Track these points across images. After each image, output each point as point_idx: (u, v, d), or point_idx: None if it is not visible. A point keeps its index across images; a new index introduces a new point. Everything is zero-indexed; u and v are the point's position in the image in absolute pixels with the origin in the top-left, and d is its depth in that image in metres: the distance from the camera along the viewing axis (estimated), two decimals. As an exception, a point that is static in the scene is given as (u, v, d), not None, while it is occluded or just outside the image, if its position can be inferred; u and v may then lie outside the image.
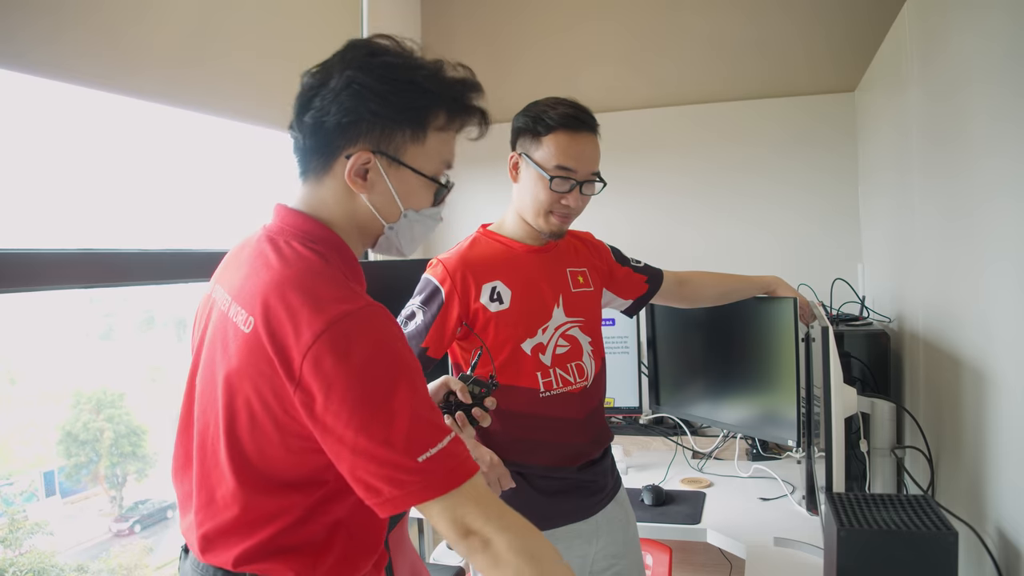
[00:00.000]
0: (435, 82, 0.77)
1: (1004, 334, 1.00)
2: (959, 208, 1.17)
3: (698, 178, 2.26)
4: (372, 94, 0.74)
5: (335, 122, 0.75)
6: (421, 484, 0.68)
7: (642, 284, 1.43)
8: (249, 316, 0.72)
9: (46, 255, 1.17)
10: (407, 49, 0.78)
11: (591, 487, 1.25)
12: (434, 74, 0.77)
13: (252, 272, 0.76)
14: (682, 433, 2.06)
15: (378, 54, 0.76)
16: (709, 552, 1.82)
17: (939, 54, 1.26)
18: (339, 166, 0.77)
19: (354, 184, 0.77)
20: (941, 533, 0.91)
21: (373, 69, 0.75)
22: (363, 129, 0.76)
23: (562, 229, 1.24)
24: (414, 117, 0.77)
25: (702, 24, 2.24)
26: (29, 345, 1.66)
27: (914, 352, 1.50)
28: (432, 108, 0.78)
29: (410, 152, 0.78)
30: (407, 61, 0.77)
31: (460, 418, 0.97)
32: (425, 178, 0.80)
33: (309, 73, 0.78)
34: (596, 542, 1.24)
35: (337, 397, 0.67)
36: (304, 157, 0.79)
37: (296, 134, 0.79)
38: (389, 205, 0.79)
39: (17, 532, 1.64)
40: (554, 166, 1.18)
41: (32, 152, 1.33)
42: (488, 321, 1.19)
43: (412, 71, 0.76)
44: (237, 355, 0.72)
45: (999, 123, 0.99)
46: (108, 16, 1.23)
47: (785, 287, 1.50)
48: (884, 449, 1.39)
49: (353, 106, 0.75)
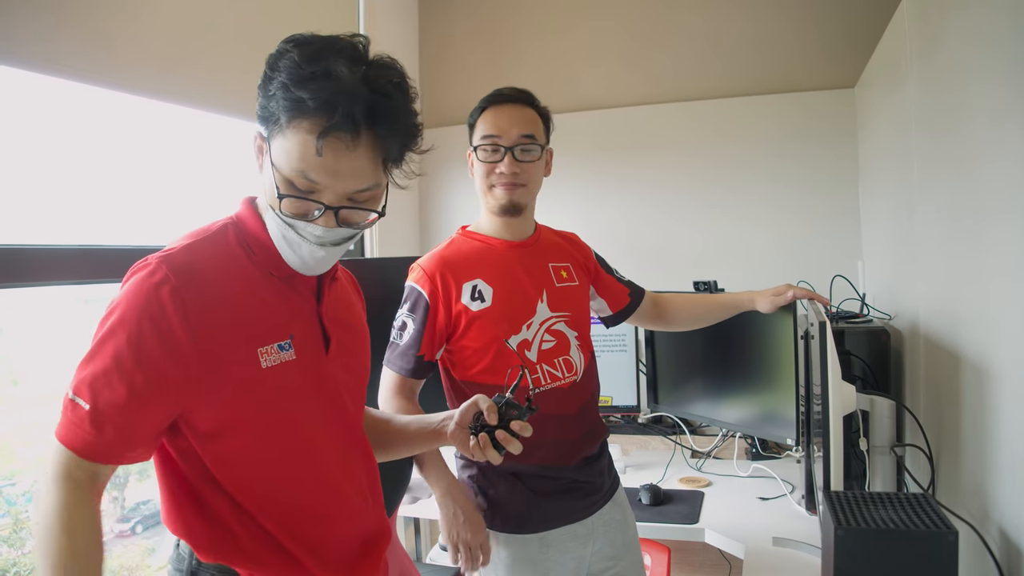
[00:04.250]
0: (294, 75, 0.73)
1: (1005, 331, 1.00)
2: (960, 205, 1.16)
3: (696, 175, 2.25)
4: (265, 79, 0.75)
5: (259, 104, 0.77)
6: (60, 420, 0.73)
7: (625, 296, 1.42)
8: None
9: (42, 251, 1.17)
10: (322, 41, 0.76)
11: (587, 488, 1.24)
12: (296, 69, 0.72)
13: None
14: (681, 432, 2.06)
15: (293, 40, 0.77)
16: (708, 552, 1.81)
17: (939, 49, 1.25)
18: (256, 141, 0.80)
19: (255, 156, 0.79)
20: (941, 532, 0.90)
21: (276, 56, 0.76)
22: (262, 111, 0.76)
23: (512, 200, 1.22)
24: (271, 108, 0.74)
25: (699, 21, 2.23)
26: (31, 346, 1.67)
27: (914, 349, 1.49)
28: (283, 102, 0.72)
29: (275, 142, 0.74)
30: (293, 54, 0.74)
31: (483, 440, 0.88)
32: (273, 170, 0.74)
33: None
34: (593, 544, 1.23)
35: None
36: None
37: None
38: (269, 186, 0.76)
39: (20, 532, 1.64)
40: (480, 138, 1.23)
41: (28, 148, 1.33)
42: (472, 321, 1.18)
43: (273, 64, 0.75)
44: None
45: (999, 119, 0.98)
46: (105, 13, 1.23)
47: (764, 301, 1.40)
48: (884, 447, 1.38)
49: (262, 90, 0.76)
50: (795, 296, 1.39)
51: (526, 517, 1.19)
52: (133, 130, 1.51)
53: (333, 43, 0.75)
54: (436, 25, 2.49)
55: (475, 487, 1.23)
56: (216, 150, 1.76)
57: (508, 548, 1.18)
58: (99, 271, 1.28)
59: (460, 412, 0.93)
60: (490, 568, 1.19)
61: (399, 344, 1.21)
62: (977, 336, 1.11)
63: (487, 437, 0.89)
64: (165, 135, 1.59)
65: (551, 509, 1.20)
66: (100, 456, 0.72)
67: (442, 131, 2.20)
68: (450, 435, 0.93)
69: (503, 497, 1.19)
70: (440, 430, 0.95)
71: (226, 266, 0.79)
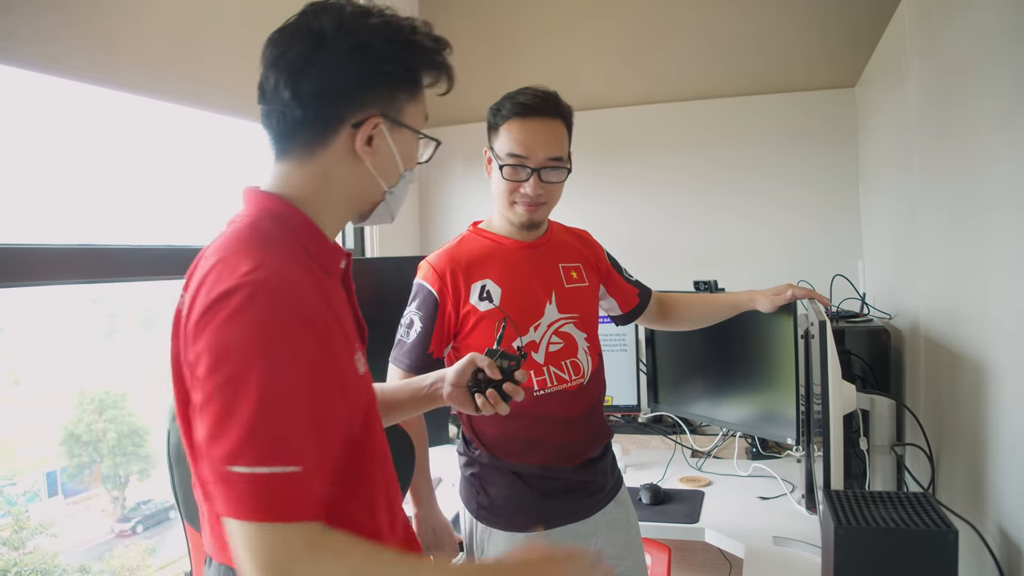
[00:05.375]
0: (427, 40, 0.76)
1: (1005, 330, 0.99)
2: (960, 204, 1.16)
3: (697, 175, 2.25)
4: (384, 55, 0.72)
5: (344, 90, 0.71)
6: (224, 498, 0.58)
7: (634, 296, 1.42)
8: (184, 295, 0.70)
9: (43, 250, 1.18)
10: (377, 7, 0.76)
11: (589, 487, 1.24)
12: (422, 33, 0.76)
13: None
14: (681, 432, 2.06)
15: (373, 14, 0.74)
16: (709, 552, 1.81)
17: (939, 48, 1.25)
18: (342, 136, 0.73)
19: (363, 152, 0.73)
20: (940, 531, 0.90)
21: (378, 30, 0.73)
22: (368, 93, 0.73)
23: (532, 219, 1.21)
24: (414, 76, 0.76)
25: (700, 20, 2.23)
26: (32, 346, 1.67)
27: (914, 349, 1.49)
28: (425, 66, 0.77)
29: (407, 112, 0.77)
30: (396, 19, 0.75)
31: (492, 395, 0.92)
32: (419, 136, 0.79)
33: (286, 42, 0.72)
34: (595, 543, 1.23)
35: (204, 364, 0.61)
36: (291, 132, 0.73)
37: (282, 108, 0.71)
38: (391, 168, 0.77)
39: (21, 532, 1.65)
40: (506, 154, 1.18)
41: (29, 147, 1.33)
42: (479, 320, 1.18)
43: (408, 31, 0.75)
44: (175, 337, 0.70)
45: (1000, 118, 0.98)
46: (104, 12, 1.23)
47: (764, 301, 1.40)
48: (884, 447, 1.38)
49: (365, 69, 0.72)
50: (795, 296, 1.38)
51: (527, 516, 1.19)
52: (134, 129, 1.51)
53: None
54: (436, 24, 2.49)
55: (477, 485, 1.23)
56: (216, 150, 1.76)
57: (508, 546, 1.18)
58: (100, 270, 1.28)
59: (456, 372, 0.94)
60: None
61: (406, 342, 1.21)
62: (977, 335, 1.11)
63: (496, 393, 0.93)
64: (166, 134, 1.59)
65: (553, 508, 1.20)
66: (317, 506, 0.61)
67: (442, 130, 2.20)
68: (447, 397, 0.95)
69: (504, 495, 1.20)
70: (433, 394, 0.96)
71: (311, 274, 0.72)
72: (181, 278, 0.77)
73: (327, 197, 0.75)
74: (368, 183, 0.77)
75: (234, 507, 0.58)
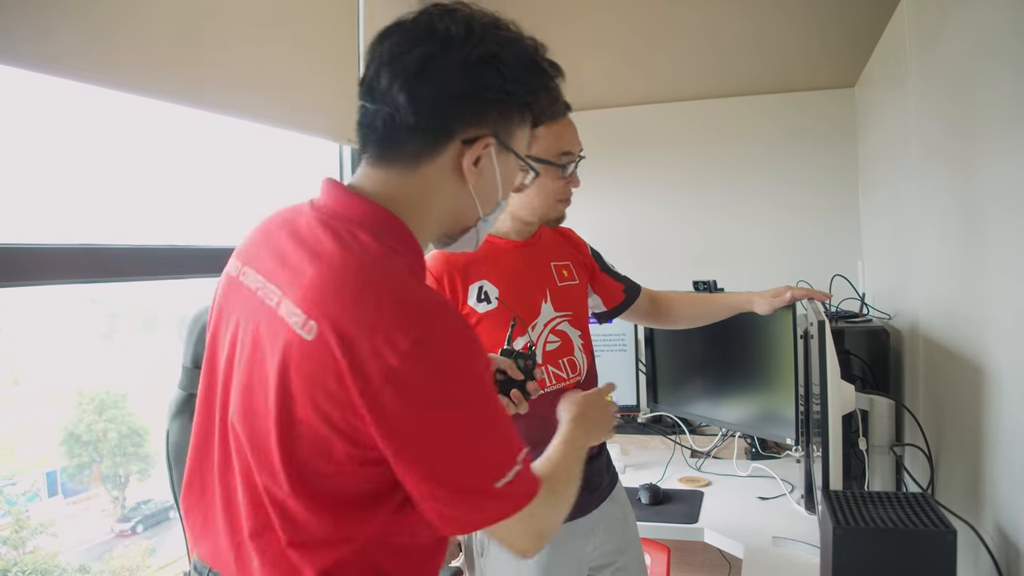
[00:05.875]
0: (547, 64, 0.72)
1: (1004, 330, 0.99)
2: (959, 204, 1.16)
3: (697, 175, 2.25)
4: (511, 73, 0.67)
5: (463, 101, 0.66)
6: (501, 508, 0.64)
7: (620, 292, 1.42)
8: (310, 320, 0.60)
9: (44, 250, 1.18)
10: (504, 19, 0.71)
11: (587, 485, 1.23)
12: (543, 55, 0.72)
13: (305, 263, 0.64)
14: (680, 432, 2.06)
15: (501, 28, 0.69)
16: (708, 552, 1.81)
17: (938, 48, 1.25)
18: (450, 150, 0.68)
19: (468, 171, 0.68)
20: (939, 531, 0.90)
21: (507, 45, 0.68)
22: (487, 110, 0.68)
23: (565, 213, 1.26)
24: (531, 100, 0.71)
25: (700, 19, 2.23)
26: (32, 346, 1.67)
27: (914, 349, 1.49)
28: (543, 91, 0.72)
29: (516, 136, 0.72)
30: (522, 37, 0.70)
31: (516, 396, 0.94)
32: (523, 164, 0.74)
33: (407, 41, 0.66)
34: (592, 539, 1.24)
35: (412, 418, 0.60)
36: (401, 138, 0.67)
37: (392, 111, 0.66)
38: (491, 193, 0.73)
39: (21, 532, 1.65)
40: (560, 153, 1.18)
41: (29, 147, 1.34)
42: (478, 322, 1.18)
43: (532, 51, 0.70)
44: (297, 365, 0.61)
45: (999, 118, 0.98)
46: (104, 11, 1.24)
47: (762, 303, 1.40)
48: (883, 447, 1.38)
49: (489, 84, 0.66)
50: (794, 297, 1.39)
51: None
52: (134, 128, 1.51)
53: None
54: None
55: None
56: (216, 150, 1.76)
57: None
58: (100, 270, 1.28)
59: None
60: (494, 564, 1.19)
61: None
62: (976, 336, 1.11)
63: (519, 393, 0.95)
64: (166, 133, 1.59)
65: None
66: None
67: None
68: None
69: None
70: None
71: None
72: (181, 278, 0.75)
73: (425, 214, 0.70)
74: (465, 206, 0.72)
75: (507, 510, 0.65)
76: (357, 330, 0.59)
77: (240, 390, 0.67)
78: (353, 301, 0.60)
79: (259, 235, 0.73)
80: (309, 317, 0.60)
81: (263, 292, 0.66)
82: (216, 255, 0.88)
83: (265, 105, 1.66)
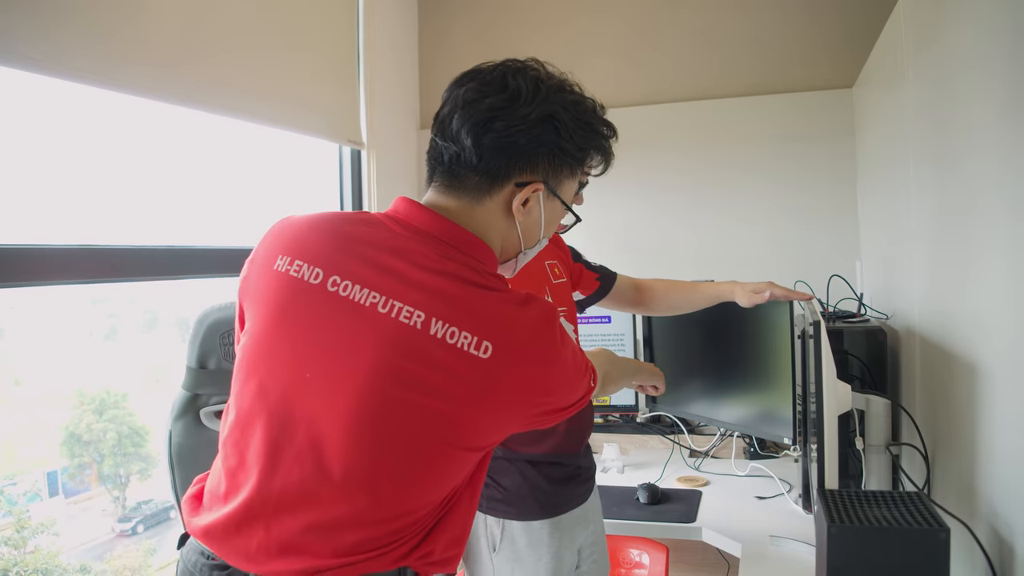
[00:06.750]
0: (603, 125, 0.83)
1: (999, 331, 1.00)
2: (956, 204, 1.16)
3: (695, 175, 2.26)
4: (566, 131, 0.78)
5: (521, 150, 0.77)
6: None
7: (593, 281, 1.46)
8: (484, 341, 0.71)
9: (45, 250, 1.18)
10: (570, 82, 0.82)
11: (586, 473, 1.30)
12: (601, 117, 0.83)
13: (452, 288, 0.73)
14: (679, 431, 2.06)
15: (566, 90, 0.80)
16: (706, 551, 1.81)
17: (936, 48, 1.26)
18: (505, 190, 0.79)
19: (516, 211, 0.80)
20: (932, 530, 0.91)
21: (568, 107, 0.78)
22: (542, 160, 0.79)
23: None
24: (583, 157, 0.82)
25: (698, 20, 2.24)
26: (33, 346, 1.68)
27: (910, 349, 1.49)
28: (595, 150, 0.83)
29: (564, 185, 0.83)
30: (584, 100, 0.81)
31: None
32: (567, 210, 0.86)
33: (481, 90, 0.77)
34: (586, 528, 1.28)
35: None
36: (464, 174, 0.78)
37: (458, 150, 0.77)
38: (534, 231, 0.84)
39: (22, 532, 1.66)
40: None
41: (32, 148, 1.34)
42: None
43: (590, 113, 0.81)
44: (457, 379, 0.70)
45: (996, 118, 0.98)
46: (105, 12, 1.24)
47: (743, 295, 1.41)
48: (879, 446, 1.39)
49: (546, 139, 0.77)
50: (773, 296, 1.41)
51: (541, 504, 1.23)
52: (135, 129, 1.52)
53: None
54: (434, 20, 2.50)
55: (488, 479, 1.26)
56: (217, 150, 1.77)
57: (526, 535, 1.21)
58: (101, 271, 1.29)
59: None
60: (508, 555, 1.22)
61: None
62: (971, 336, 1.11)
63: None
64: (168, 134, 1.60)
65: (562, 495, 1.25)
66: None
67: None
68: None
69: (519, 486, 1.23)
70: None
71: None
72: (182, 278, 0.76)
73: (490, 241, 0.82)
74: (511, 238, 0.83)
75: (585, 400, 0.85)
76: (533, 368, 0.75)
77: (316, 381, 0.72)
78: (530, 342, 0.74)
79: (332, 242, 0.77)
80: (483, 339, 0.71)
81: (387, 307, 0.72)
82: (216, 255, 0.89)
83: (265, 106, 1.67)
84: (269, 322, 0.76)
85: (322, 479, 0.71)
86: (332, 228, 0.78)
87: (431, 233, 0.78)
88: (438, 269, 0.74)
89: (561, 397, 0.79)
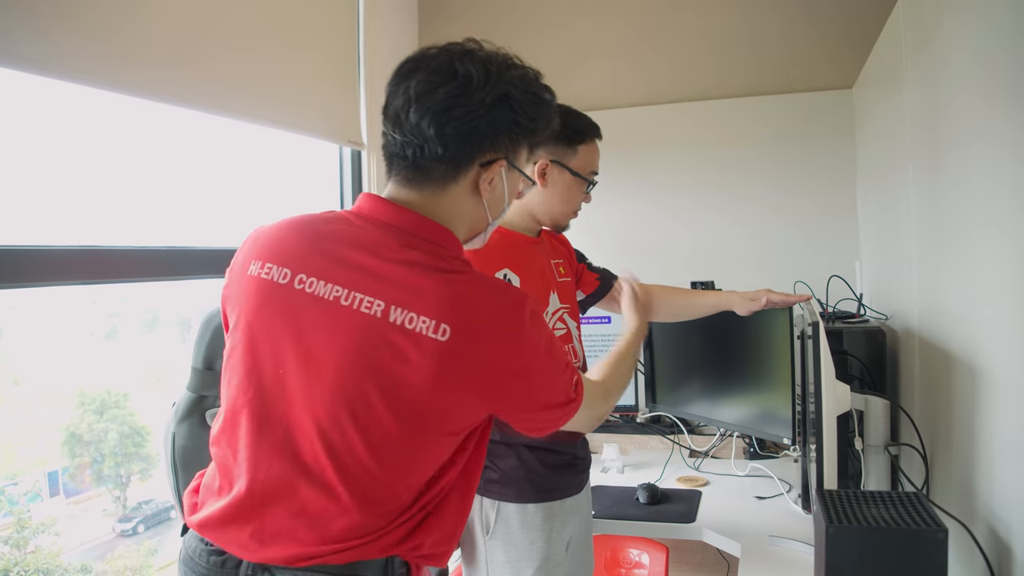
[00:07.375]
0: (547, 92, 0.86)
1: (997, 331, 1.00)
2: (955, 205, 1.17)
3: (695, 176, 2.26)
4: (520, 107, 0.80)
5: (483, 134, 0.79)
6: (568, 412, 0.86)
7: (593, 281, 1.50)
8: (442, 324, 0.73)
9: (45, 251, 1.19)
10: (512, 57, 0.84)
11: (582, 464, 1.32)
12: (543, 85, 0.86)
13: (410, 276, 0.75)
14: (679, 432, 2.06)
15: (512, 66, 0.82)
16: (706, 551, 1.82)
17: (935, 48, 1.26)
18: (471, 173, 0.82)
19: (483, 189, 0.83)
20: (930, 530, 0.91)
21: (517, 83, 0.81)
22: (502, 139, 0.82)
23: (570, 224, 1.39)
24: (535, 127, 0.84)
25: (698, 21, 2.24)
26: (33, 346, 1.68)
27: (909, 350, 1.49)
28: (545, 118, 0.86)
29: (520, 157, 0.86)
30: (527, 71, 0.84)
31: None
32: (529, 177, 0.91)
33: (432, 81, 0.77)
34: (576, 517, 1.30)
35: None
36: (429, 165, 0.80)
37: (421, 143, 0.78)
38: (499, 203, 0.88)
39: (23, 532, 1.66)
40: (589, 172, 1.34)
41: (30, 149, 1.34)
42: None
43: (536, 84, 0.84)
44: (418, 363, 0.72)
45: (995, 118, 0.99)
46: (105, 13, 1.24)
47: (741, 304, 1.45)
48: (878, 447, 1.39)
49: (504, 118, 0.80)
50: (770, 303, 1.43)
51: (536, 487, 1.24)
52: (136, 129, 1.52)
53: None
54: (434, 21, 2.50)
55: (486, 461, 1.26)
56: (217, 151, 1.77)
57: (519, 518, 1.22)
58: (101, 271, 1.29)
59: None
60: (502, 539, 1.22)
61: None
62: (970, 336, 1.11)
63: None
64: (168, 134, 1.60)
65: (556, 481, 1.26)
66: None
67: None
68: None
69: (515, 468, 1.24)
70: None
71: None
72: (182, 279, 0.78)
73: (456, 224, 0.85)
74: (479, 215, 0.87)
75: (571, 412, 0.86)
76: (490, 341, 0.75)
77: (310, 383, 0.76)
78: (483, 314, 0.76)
79: (298, 243, 0.80)
80: (440, 322, 0.73)
81: (348, 299, 0.75)
82: (216, 256, 0.89)
83: (266, 107, 1.67)
84: (246, 324, 0.80)
85: (300, 471, 0.75)
86: (306, 228, 0.82)
87: (393, 224, 0.80)
88: (399, 259, 0.76)
89: (538, 385, 0.80)
